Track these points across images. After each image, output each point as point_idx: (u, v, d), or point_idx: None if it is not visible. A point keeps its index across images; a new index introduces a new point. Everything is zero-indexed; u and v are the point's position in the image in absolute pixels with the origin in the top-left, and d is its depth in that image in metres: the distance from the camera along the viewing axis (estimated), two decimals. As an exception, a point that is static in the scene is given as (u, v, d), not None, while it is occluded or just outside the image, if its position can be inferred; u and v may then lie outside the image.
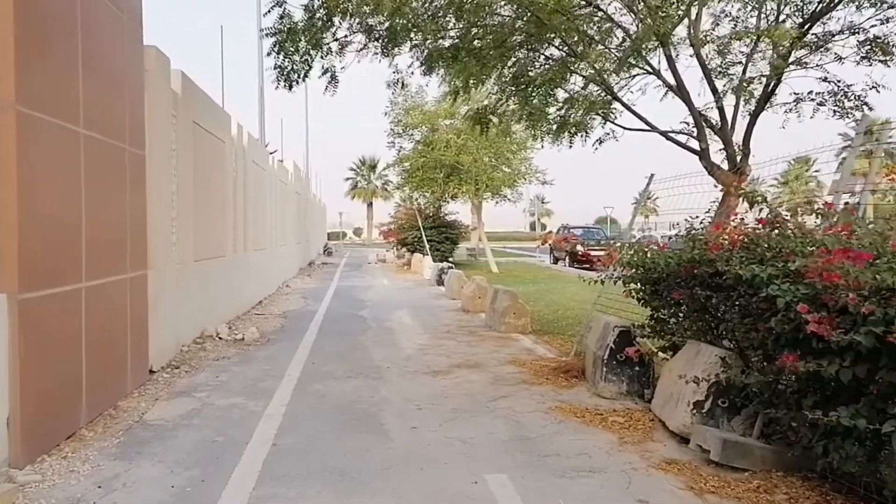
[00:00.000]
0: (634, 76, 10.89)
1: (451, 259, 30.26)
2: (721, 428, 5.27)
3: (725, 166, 9.48)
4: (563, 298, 17.32)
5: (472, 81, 10.69)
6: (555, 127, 10.67)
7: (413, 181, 26.93)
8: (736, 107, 9.72)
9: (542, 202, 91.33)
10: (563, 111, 10.77)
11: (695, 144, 9.75)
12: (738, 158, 9.43)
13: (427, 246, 28.19)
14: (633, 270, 6.88)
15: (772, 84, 9.49)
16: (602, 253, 32.30)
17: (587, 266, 30.94)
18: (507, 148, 26.97)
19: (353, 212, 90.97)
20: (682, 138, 10.07)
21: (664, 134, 10.18)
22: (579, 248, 31.61)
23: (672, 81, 9.81)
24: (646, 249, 6.76)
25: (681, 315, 6.62)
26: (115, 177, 6.58)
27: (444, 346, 10.06)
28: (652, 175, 9.02)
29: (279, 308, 15.18)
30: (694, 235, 6.30)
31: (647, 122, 10.32)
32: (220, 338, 10.55)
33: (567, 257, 32.39)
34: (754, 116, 9.71)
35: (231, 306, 12.63)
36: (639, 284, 7.00)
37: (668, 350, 7.10)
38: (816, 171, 65.51)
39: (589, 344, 7.75)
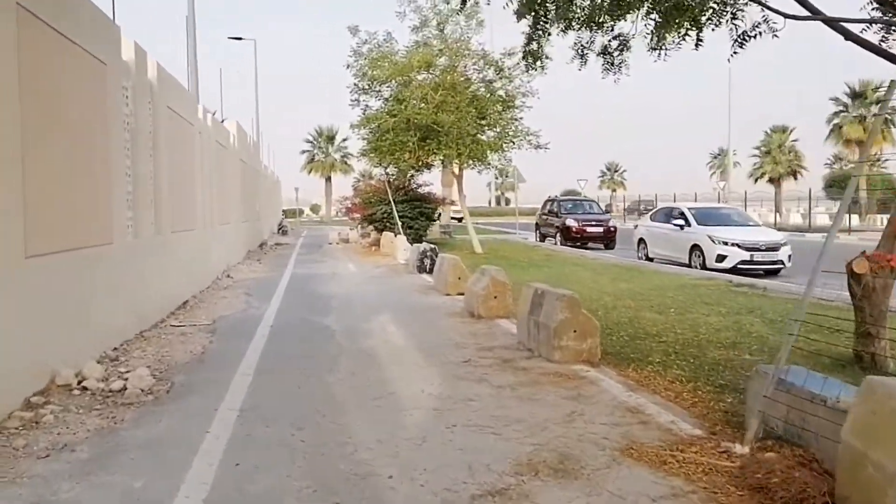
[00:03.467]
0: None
1: (425, 237, 25.97)
2: None
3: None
4: (588, 290, 13.14)
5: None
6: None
7: (382, 145, 22.35)
8: None
9: (506, 175, 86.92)
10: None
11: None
12: None
13: (399, 223, 23.78)
14: None
15: None
16: (599, 229, 28.56)
17: (581, 244, 26.95)
18: (491, 105, 22.61)
19: (311, 187, 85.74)
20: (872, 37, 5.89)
21: (845, 32, 5.97)
22: (572, 223, 27.49)
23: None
24: None
25: None
26: None
27: (477, 405, 5.73)
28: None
29: (209, 313, 10.70)
30: None
31: (811, 8, 6.08)
32: (83, 388, 6.10)
33: (558, 234, 28.27)
34: None
35: (122, 321, 8.14)
36: None
37: None
38: (795, 140, 63.43)
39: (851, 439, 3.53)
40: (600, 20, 8.30)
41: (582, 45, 8.79)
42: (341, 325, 9.48)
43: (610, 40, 8.76)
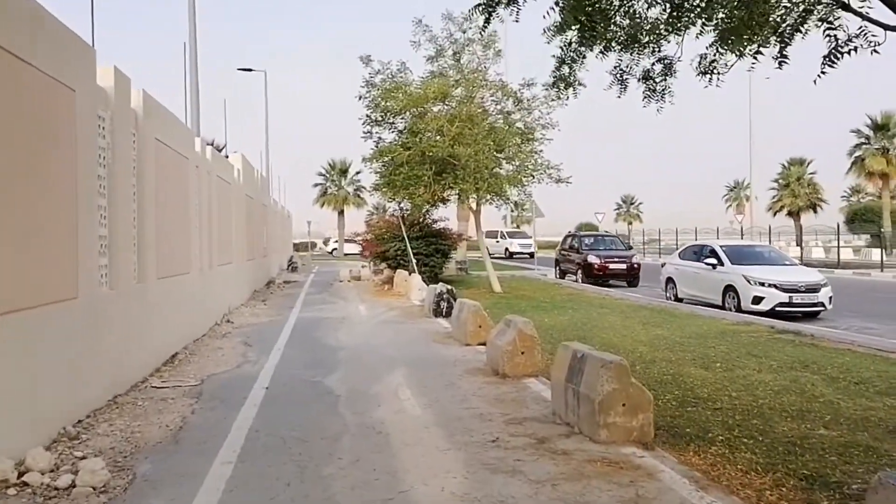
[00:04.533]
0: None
1: (440, 274, 24.82)
2: None
3: None
4: (620, 338, 11.97)
5: None
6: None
7: (396, 179, 21.27)
8: None
9: (523, 208, 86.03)
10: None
11: None
12: None
13: (413, 260, 22.65)
14: None
15: None
16: (622, 266, 27.30)
17: (603, 281, 25.69)
18: (510, 138, 21.55)
19: (323, 221, 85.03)
20: None
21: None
22: (594, 260, 26.24)
23: None
24: None
25: None
26: None
27: (512, 507, 4.53)
28: None
29: (199, 370, 9.54)
30: None
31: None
32: (23, 483, 4.94)
33: (579, 271, 27.02)
34: None
35: (89, 389, 6.99)
36: None
37: None
38: (812, 173, 62.12)
39: None
40: (646, 40, 7.23)
41: (622, 70, 7.71)
42: (347, 388, 8.27)
43: (654, 63, 7.68)
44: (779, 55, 6.03)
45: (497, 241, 51.74)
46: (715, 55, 6.77)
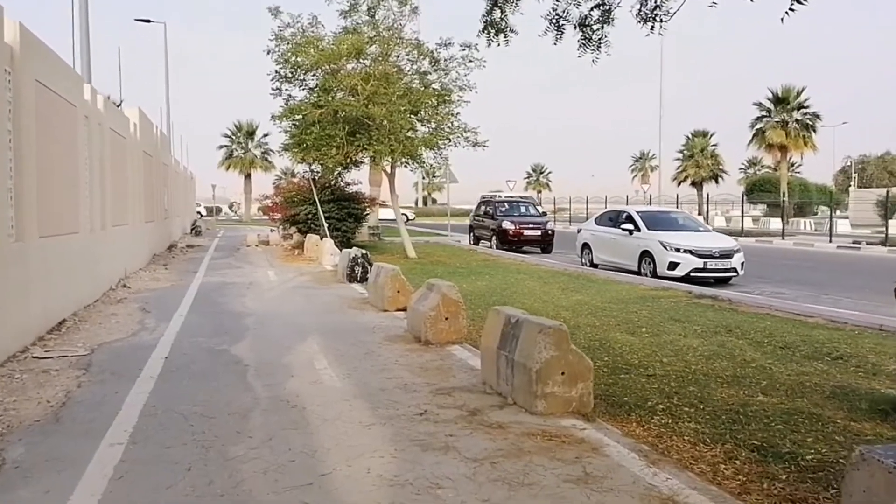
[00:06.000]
0: None
1: (353, 239, 24.06)
2: None
3: None
4: (542, 304, 11.69)
5: None
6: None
7: (307, 139, 20.23)
8: None
9: (434, 174, 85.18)
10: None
11: None
12: None
13: (325, 225, 21.78)
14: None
15: None
16: (537, 232, 27.19)
17: (518, 248, 25.54)
18: (426, 99, 20.83)
19: (229, 185, 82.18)
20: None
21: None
22: (509, 226, 26.02)
23: None
24: None
25: None
26: None
27: (451, 496, 3.99)
28: None
29: (89, 337, 8.61)
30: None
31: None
32: None
33: (493, 237, 26.78)
34: None
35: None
36: None
37: None
38: (714, 145, 64.32)
39: None
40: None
41: (558, 15, 7.20)
42: (256, 357, 7.56)
43: (591, 9, 7.21)
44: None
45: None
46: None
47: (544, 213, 32.80)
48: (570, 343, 5.39)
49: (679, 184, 64.68)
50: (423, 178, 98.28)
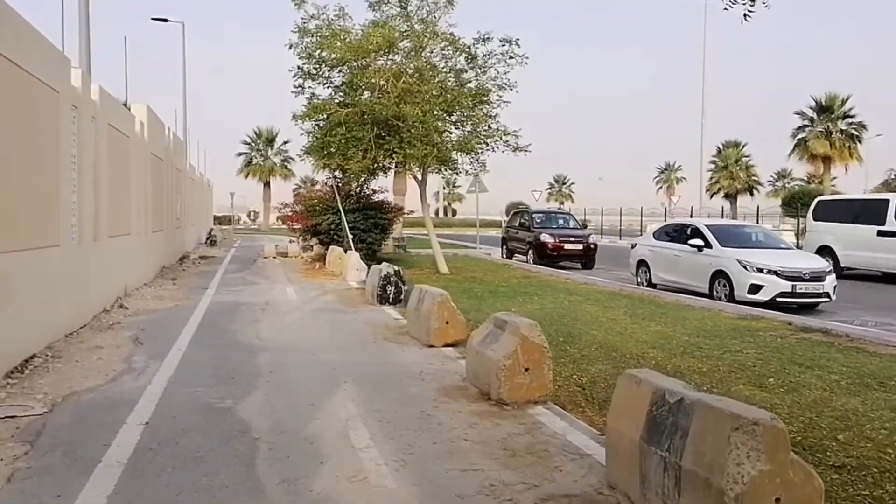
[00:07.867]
0: None
1: (379, 252, 22.09)
2: None
3: None
4: (616, 336, 9.65)
5: None
6: None
7: (332, 141, 18.22)
8: None
9: (454, 184, 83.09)
10: None
11: None
12: None
13: (350, 236, 19.77)
14: None
15: None
16: (578, 246, 25.04)
17: (557, 262, 23.38)
18: (463, 99, 18.77)
19: (248, 193, 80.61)
20: None
21: None
22: (548, 239, 23.87)
23: None
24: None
25: None
26: None
27: None
28: None
29: (57, 384, 6.58)
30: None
31: None
32: None
33: (530, 251, 24.64)
34: None
35: None
36: None
37: None
38: (746, 156, 61.98)
39: None
40: None
41: None
42: (271, 425, 5.48)
43: None
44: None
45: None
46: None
47: (585, 226, 30.63)
48: (789, 449, 3.26)
49: (712, 196, 62.31)
50: (444, 188, 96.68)
